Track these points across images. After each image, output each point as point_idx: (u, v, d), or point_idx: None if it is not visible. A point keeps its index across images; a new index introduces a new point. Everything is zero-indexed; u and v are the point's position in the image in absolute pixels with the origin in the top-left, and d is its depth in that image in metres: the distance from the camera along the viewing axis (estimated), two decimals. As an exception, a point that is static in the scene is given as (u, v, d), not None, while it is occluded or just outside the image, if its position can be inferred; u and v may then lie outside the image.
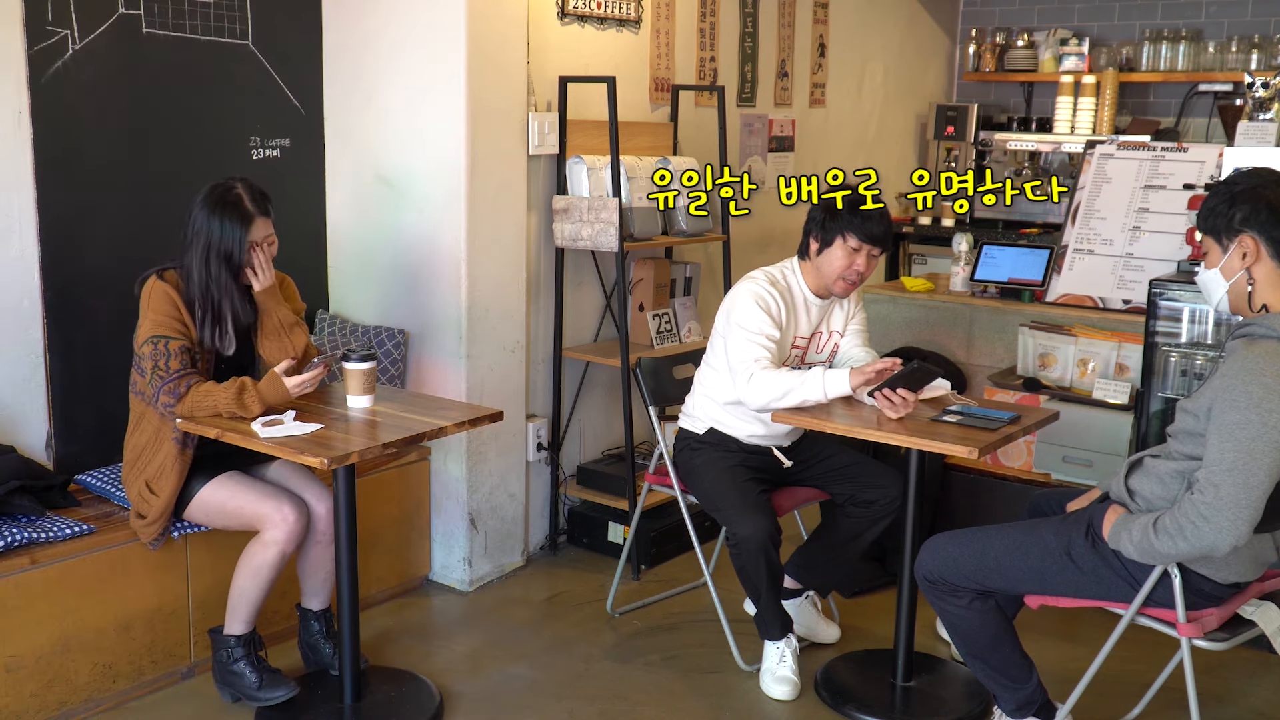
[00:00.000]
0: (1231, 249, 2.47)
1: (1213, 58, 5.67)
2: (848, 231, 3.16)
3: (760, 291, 3.20)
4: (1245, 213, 2.43)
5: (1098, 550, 2.58)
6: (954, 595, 2.74)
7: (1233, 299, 2.50)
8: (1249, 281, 2.46)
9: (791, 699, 3.23)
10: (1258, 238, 2.43)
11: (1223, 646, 2.56)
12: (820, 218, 3.20)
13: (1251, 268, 2.45)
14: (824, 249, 3.21)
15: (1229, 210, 2.46)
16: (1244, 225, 2.44)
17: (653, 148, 4.35)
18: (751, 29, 5.02)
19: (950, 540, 2.78)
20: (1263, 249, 2.44)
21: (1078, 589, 2.63)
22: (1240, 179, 2.50)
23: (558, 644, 3.57)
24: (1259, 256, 2.44)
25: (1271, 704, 3.27)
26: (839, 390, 3.04)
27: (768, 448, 3.38)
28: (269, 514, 2.99)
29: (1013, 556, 2.66)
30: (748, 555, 3.11)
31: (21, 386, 3.29)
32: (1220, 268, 2.49)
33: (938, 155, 6.19)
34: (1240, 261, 2.46)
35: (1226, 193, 2.48)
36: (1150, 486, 2.54)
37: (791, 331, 3.27)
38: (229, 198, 2.98)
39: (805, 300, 3.30)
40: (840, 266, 3.19)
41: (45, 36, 3.22)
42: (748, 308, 3.17)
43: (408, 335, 3.92)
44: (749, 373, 3.10)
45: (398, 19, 3.80)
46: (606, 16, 4.25)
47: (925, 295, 4.43)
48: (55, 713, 2.99)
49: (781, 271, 3.30)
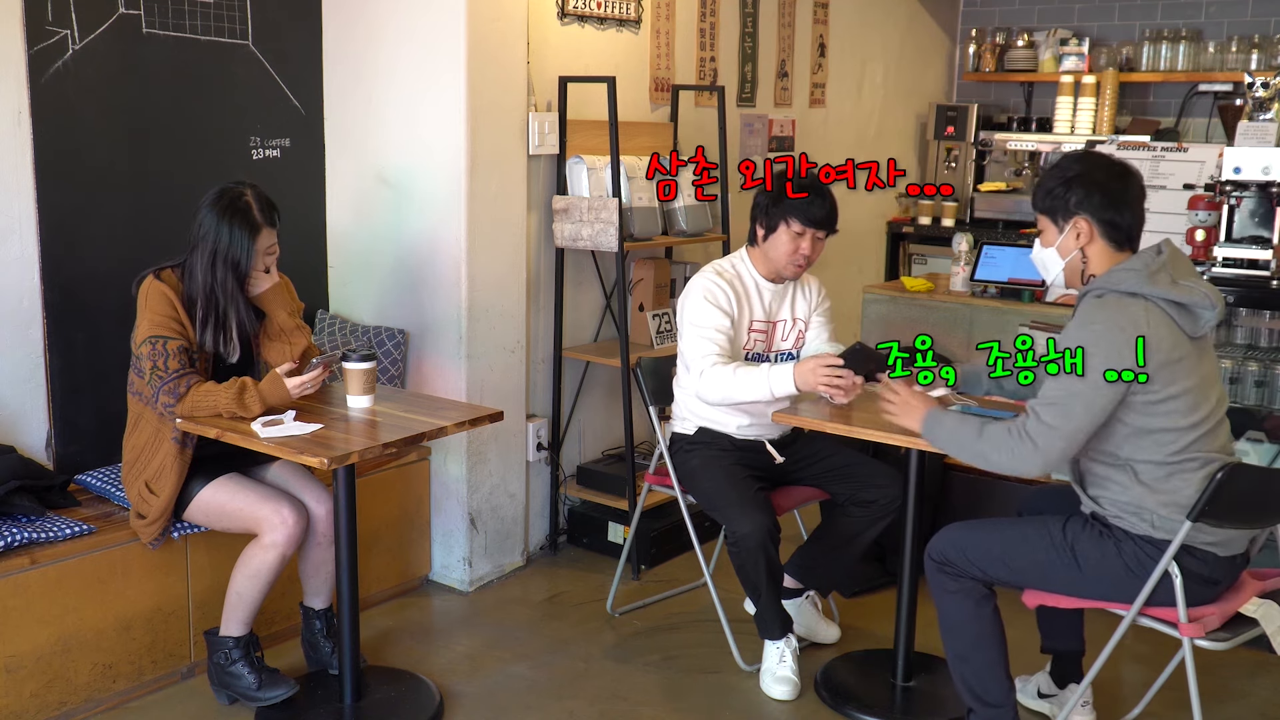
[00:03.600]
0: (1067, 230, 2.63)
1: (1213, 58, 5.67)
2: (790, 216, 3.20)
3: (708, 285, 3.25)
4: (1080, 196, 2.59)
5: (1102, 544, 2.58)
6: (956, 579, 2.74)
7: (1068, 274, 2.68)
8: (1083, 259, 2.63)
9: (791, 699, 3.23)
10: (1091, 220, 2.59)
11: (1224, 646, 2.56)
12: (764, 204, 3.26)
13: (1085, 247, 2.62)
14: (769, 235, 3.26)
15: (1065, 193, 2.61)
16: (1079, 208, 2.60)
17: (653, 148, 4.35)
18: (751, 29, 5.02)
19: (963, 526, 2.80)
20: (1095, 230, 2.60)
21: (1077, 587, 2.63)
22: (1075, 163, 2.64)
23: (558, 644, 3.57)
24: (1092, 237, 2.60)
25: (1272, 704, 3.27)
26: (784, 390, 3.07)
27: (760, 442, 3.38)
28: (268, 517, 2.98)
29: (1019, 546, 2.68)
30: (747, 553, 3.11)
31: (21, 386, 3.29)
32: (1056, 247, 2.66)
33: (938, 155, 6.19)
34: (1075, 241, 2.62)
35: (1062, 176, 2.63)
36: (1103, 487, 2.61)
37: (746, 317, 3.31)
38: (239, 204, 2.95)
39: (757, 286, 3.33)
40: (786, 251, 3.24)
41: (45, 36, 3.22)
42: (696, 304, 3.23)
43: (408, 335, 3.92)
44: (699, 369, 3.17)
45: (398, 19, 3.80)
46: (606, 16, 4.25)
47: (925, 295, 4.43)
48: (55, 713, 2.99)
49: (730, 262, 3.36)
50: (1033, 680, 3.17)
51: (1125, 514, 2.57)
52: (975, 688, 2.74)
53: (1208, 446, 2.53)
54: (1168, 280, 2.49)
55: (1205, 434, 2.52)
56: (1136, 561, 2.55)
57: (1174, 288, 2.48)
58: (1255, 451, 3.76)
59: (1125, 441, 2.53)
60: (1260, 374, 3.81)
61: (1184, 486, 2.51)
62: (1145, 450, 2.52)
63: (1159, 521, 2.53)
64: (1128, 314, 2.47)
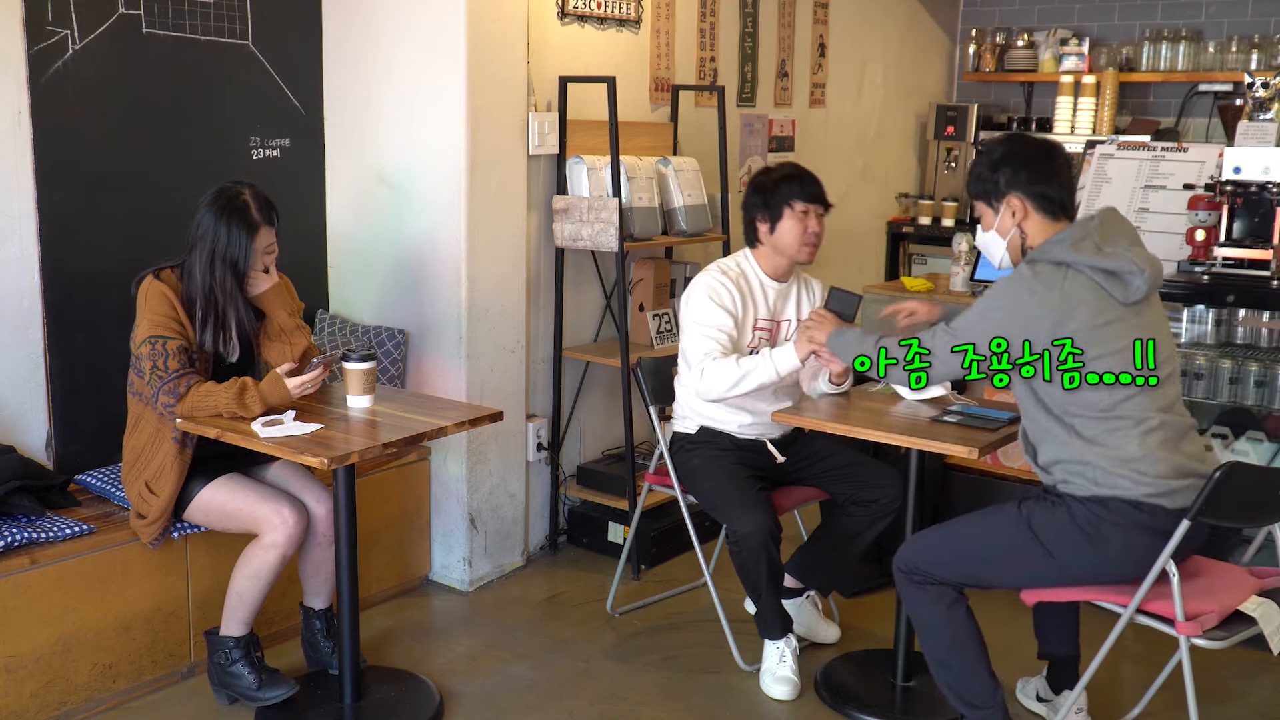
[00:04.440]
0: (1002, 210, 2.71)
1: (1213, 58, 5.67)
2: (792, 199, 3.26)
3: (711, 283, 3.27)
4: (1008, 176, 2.68)
5: (1054, 512, 2.60)
6: (923, 586, 2.74)
7: (1011, 253, 2.74)
8: (1021, 236, 2.70)
9: (791, 699, 3.23)
10: (1022, 196, 2.67)
11: (1221, 645, 2.56)
12: (760, 199, 3.30)
13: (1022, 223, 2.69)
14: (775, 226, 3.29)
15: (993, 175, 2.70)
16: (1009, 188, 2.68)
17: (653, 148, 4.36)
18: (751, 29, 5.02)
19: (926, 532, 2.83)
20: (1029, 205, 2.67)
21: (1045, 565, 2.62)
22: (998, 145, 2.73)
23: (558, 644, 3.57)
24: (1027, 213, 2.68)
25: (1271, 704, 3.27)
26: (789, 364, 3.11)
27: (761, 441, 3.38)
28: (268, 517, 2.98)
29: (982, 537, 2.71)
30: (748, 552, 3.12)
31: (21, 386, 3.29)
32: (996, 228, 2.74)
33: (938, 155, 6.19)
34: (1011, 220, 2.70)
35: (988, 159, 2.71)
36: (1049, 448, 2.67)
37: (751, 316, 3.33)
38: (237, 204, 2.95)
39: (762, 285, 3.36)
40: (797, 234, 3.27)
41: (45, 36, 3.22)
42: (699, 302, 3.26)
43: (408, 335, 3.92)
44: (700, 367, 3.18)
45: (397, 18, 3.80)
46: (606, 16, 4.25)
47: (925, 295, 4.43)
48: (55, 713, 2.99)
49: (735, 260, 3.38)
50: (1032, 683, 3.17)
51: (1070, 476, 2.60)
52: (960, 691, 2.75)
53: (1147, 406, 2.56)
54: (1092, 248, 2.55)
55: (1141, 393, 2.56)
56: (1089, 524, 2.56)
57: (1099, 254, 2.54)
58: (1255, 451, 3.76)
59: (1057, 392, 2.59)
60: (1260, 374, 3.81)
61: (1124, 443, 2.54)
62: (1076, 405, 2.58)
63: (1100, 477, 2.55)
64: (1044, 280, 2.55)
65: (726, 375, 3.14)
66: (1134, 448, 2.53)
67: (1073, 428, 2.59)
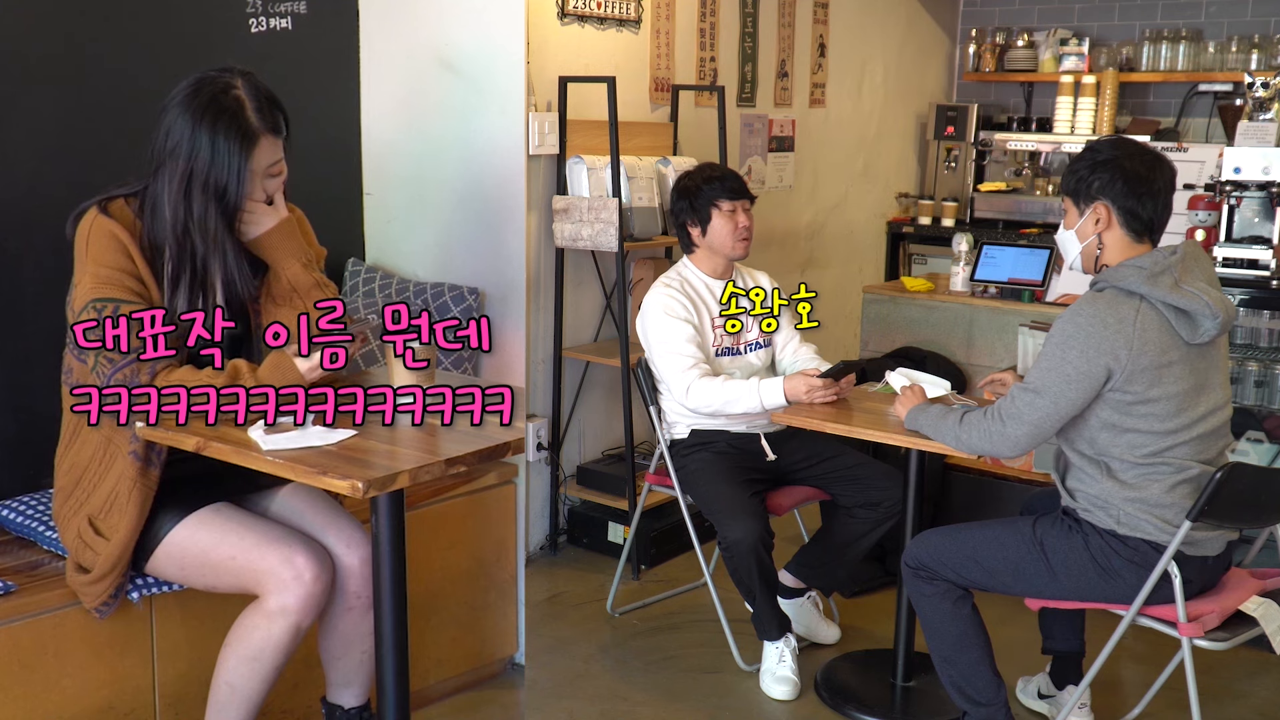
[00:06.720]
0: (1087, 213, 2.62)
1: (1213, 58, 5.66)
2: (717, 200, 3.35)
3: (661, 300, 3.35)
4: (1103, 181, 2.59)
5: (1070, 538, 2.59)
6: (931, 583, 2.75)
7: (1085, 259, 2.67)
8: (1098, 245, 2.62)
9: (791, 699, 3.23)
10: (1110, 206, 2.59)
11: (1223, 646, 2.56)
12: (686, 205, 3.40)
13: (1102, 233, 2.61)
14: (706, 228, 3.38)
15: (1090, 177, 2.61)
16: (1100, 193, 2.60)
17: (653, 148, 4.35)
18: (751, 29, 5.02)
19: (938, 531, 2.82)
20: (1114, 217, 2.59)
21: (1047, 584, 2.62)
22: (1104, 148, 2.64)
23: (558, 644, 3.57)
24: (1110, 224, 2.60)
25: (1271, 704, 3.27)
26: (774, 402, 3.17)
27: (755, 435, 3.40)
28: (274, 569, 2.15)
29: (991, 547, 2.69)
30: (739, 559, 3.13)
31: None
32: (1076, 230, 2.65)
33: (938, 155, 6.19)
34: (1094, 226, 2.61)
35: (1090, 160, 2.62)
36: (1078, 478, 2.62)
37: (706, 317, 3.41)
38: (224, 102, 2.08)
39: (707, 285, 3.45)
40: (729, 231, 3.36)
41: None
42: (657, 322, 3.33)
43: (483, 296, 2.91)
44: (685, 384, 3.24)
45: None
46: (606, 16, 4.25)
47: (925, 295, 4.43)
48: None
49: (675, 271, 3.47)
50: (1034, 681, 3.17)
51: (1093, 507, 2.58)
52: (965, 688, 2.75)
53: (1189, 455, 2.51)
54: (1170, 283, 2.47)
55: (1187, 442, 2.51)
56: (1103, 556, 2.55)
57: (1175, 291, 2.46)
58: (1255, 451, 3.76)
59: (1099, 435, 2.54)
60: (1260, 374, 3.81)
61: (1152, 487, 2.51)
62: (1119, 448, 2.53)
63: (1124, 518, 2.53)
64: (1117, 312, 2.47)
65: (714, 397, 3.22)
66: (1161, 494, 2.51)
67: (1107, 468, 2.56)
